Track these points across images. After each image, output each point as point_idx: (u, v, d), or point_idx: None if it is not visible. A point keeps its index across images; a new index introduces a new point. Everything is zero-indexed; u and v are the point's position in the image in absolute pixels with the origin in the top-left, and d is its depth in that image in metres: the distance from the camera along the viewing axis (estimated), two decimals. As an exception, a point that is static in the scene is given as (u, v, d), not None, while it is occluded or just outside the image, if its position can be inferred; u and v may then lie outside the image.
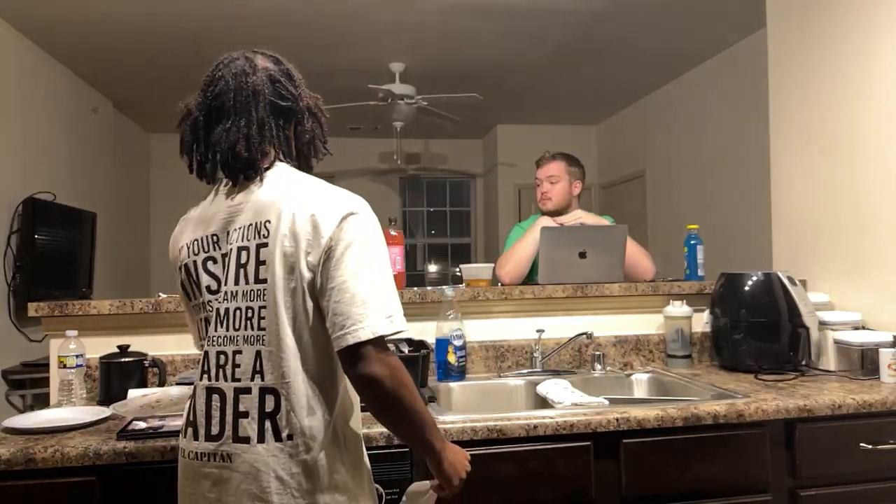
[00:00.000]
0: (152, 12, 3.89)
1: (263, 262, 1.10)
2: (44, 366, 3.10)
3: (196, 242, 1.18)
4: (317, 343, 1.11)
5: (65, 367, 1.73)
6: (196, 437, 1.12)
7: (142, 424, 1.46)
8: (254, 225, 1.13)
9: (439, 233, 8.11)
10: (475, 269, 2.25)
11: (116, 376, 1.75)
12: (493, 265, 2.32)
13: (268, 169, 1.17)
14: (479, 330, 2.15)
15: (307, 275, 1.08)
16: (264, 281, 1.10)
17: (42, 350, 3.92)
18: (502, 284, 2.37)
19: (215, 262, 1.16)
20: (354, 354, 1.05)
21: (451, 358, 1.96)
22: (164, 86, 5.24)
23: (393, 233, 2.08)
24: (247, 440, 1.08)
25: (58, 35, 4.22)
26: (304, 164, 1.25)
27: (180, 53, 4.55)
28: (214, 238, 1.17)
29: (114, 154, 5.75)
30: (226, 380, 1.11)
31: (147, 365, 1.82)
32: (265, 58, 1.21)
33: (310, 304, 1.09)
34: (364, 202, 1.15)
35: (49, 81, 4.62)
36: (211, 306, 1.15)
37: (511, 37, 4.43)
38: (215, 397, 1.11)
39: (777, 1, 2.59)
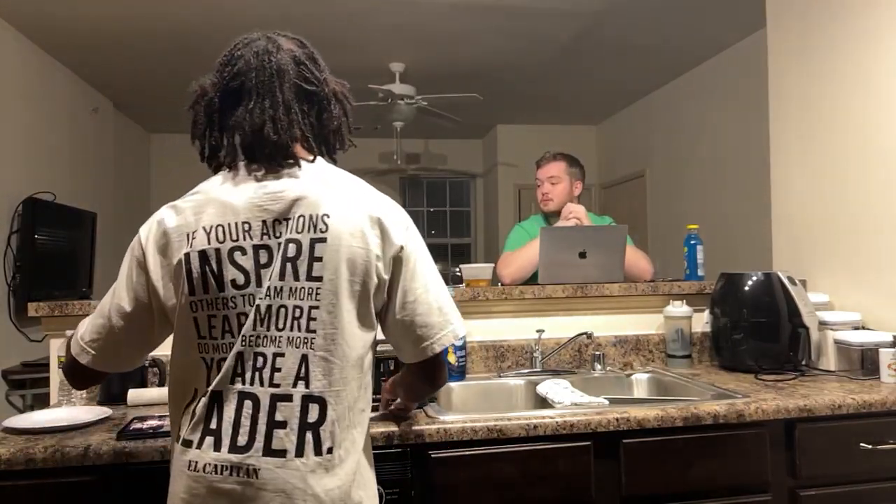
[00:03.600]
0: (153, 12, 3.88)
1: (319, 259, 1.02)
2: (44, 366, 3.10)
3: (221, 229, 1.03)
4: (366, 349, 1.07)
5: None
6: (217, 448, 0.99)
7: (142, 424, 1.46)
8: (308, 217, 1.03)
9: (439, 233, 8.11)
10: (475, 269, 2.24)
11: (116, 376, 1.75)
12: (493, 265, 2.32)
13: (309, 161, 1.10)
14: (479, 330, 2.15)
15: (375, 280, 1.05)
16: (318, 279, 1.01)
17: (42, 350, 3.91)
18: (502, 284, 2.37)
19: (244, 252, 1.02)
20: (437, 361, 1.11)
21: (451, 358, 1.96)
22: (164, 86, 5.24)
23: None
24: (282, 453, 0.98)
25: (58, 35, 4.22)
26: (328, 155, 1.17)
27: (181, 53, 4.55)
28: (246, 226, 1.03)
29: (114, 154, 5.75)
30: (262, 384, 1.00)
31: (147, 365, 1.82)
32: (288, 39, 1.13)
33: (372, 309, 1.07)
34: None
35: (49, 81, 4.62)
36: (234, 303, 1.02)
37: (511, 37, 4.43)
38: (247, 403, 1.00)
39: (777, 1, 2.59)
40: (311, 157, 1.11)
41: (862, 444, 1.63)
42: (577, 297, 2.17)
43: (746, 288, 2.06)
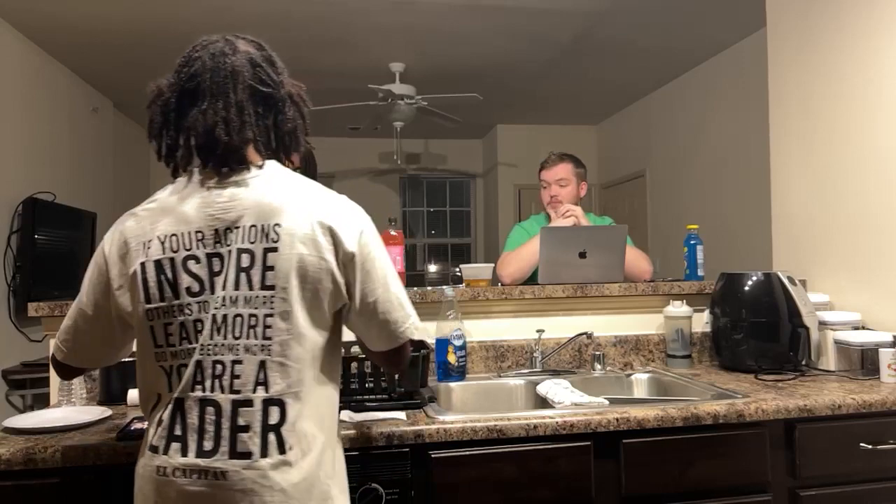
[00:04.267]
0: (153, 12, 3.89)
1: (271, 268, 1.05)
2: (44, 366, 3.11)
3: (175, 238, 1.07)
4: (325, 350, 1.11)
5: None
6: (184, 453, 1.03)
7: (142, 424, 1.46)
8: (259, 227, 1.06)
9: (439, 233, 8.11)
10: (475, 269, 2.24)
11: (116, 376, 1.75)
12: (493, 265, 2.32)
13: (259, 166, 1.12)
14: (479, 330, 2.15)
15: (330, 285, 1.08)
16: (271, 287, 1.05)
17: (42, 350, 3.93)
18: (502, 284, 2.37)
19: (198, 261, 1.06)
20: (403, 351, 1.18)
21: (451, 358, 1.96)
22: (164, 86, 5.24)
23: (393, 233, 2.08)
24: (247, 455, 1.02)
25: (58, 35, 4.22)
26: (283, 157, 1.18)
27: (180, 54, 4.55)
28: (199, 235, 1.07)
29: (114, 154, 5.75)
30: (222, 391, 1.04)
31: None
32: (246, 42, 1.15)
33: (326, 312, 1.10)
34: (362, 209, 1.18)
35: (49, 81, 4.62)
36: (190, 310, 1.06)
37: (511, 37, 4.43)
38: (209, 410, 1.04)
39: (777, 1, 2.59)
40: (263, 162, 1.13)
41: (862, 444, 1.63)
42: (577, 297, 2.17)
43: (746, 288, 2.06)
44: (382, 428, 1.45)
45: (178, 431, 1.05)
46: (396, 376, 1.63)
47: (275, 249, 1.05)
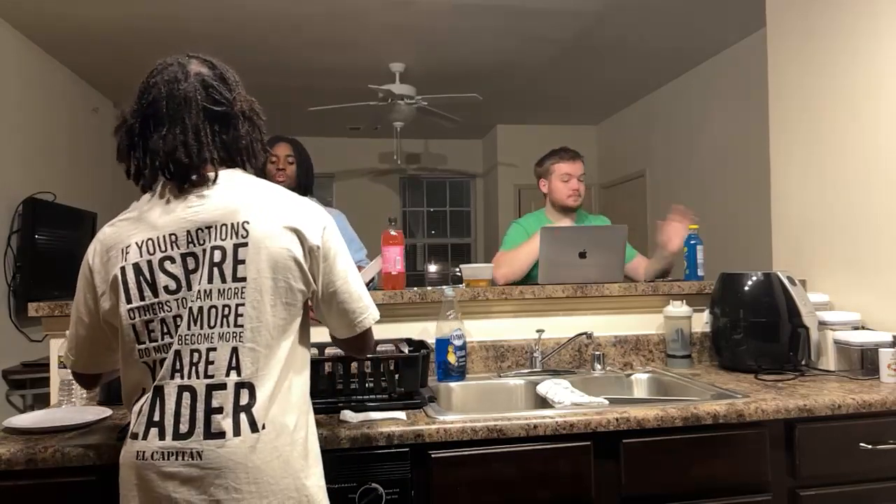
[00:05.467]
0: (153, 13, 3.89)
1: (242, 262, 1.13)
2: (44, 366, 3.10)
3: (151, 242, 1.16)
4: (295, 338, 1.20)
5: (65, 367, 1.72)
6: (162, 437, 1.09)
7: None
8: (230, 225, 1.14)
9: (439, 233, 8.11)
10: (475, 269, 2.25)
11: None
12: (492, 265, 2.32)
13: (216, 176, 1.18)
14: (479, 330, 2.15)
15: (298, 275, 1.17)
16: (243, 279, 1.13)
17: (42, 350, 3.92)
18: (495, 284, 2.37)
19: (173, 261, 1.14)
20: (364, 338, 1.30)
21: (451, 358, 1.96)
22: (164, 86, 5.23)
23: (393, 233, 2.08)
24: (221, 435, 1.09)
25: (58, 35, 4.22)
26: (245, 170, 1.25)
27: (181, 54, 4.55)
28: (173, 237, 1.15)
29: (114, 154, 5.74)
30: (198, 377, 1.11)
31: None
32: (199, 62, 1.23)
33: (295, 301, 1.18)
34: (325, 210, 1.28)
35: (49, 81, 4.62)
36: (169, 307, 1.13)
37: (511, 37, 4.43)
38: (186, 395, 1.11)
39: (777, 1, 2.59)
40: (224, 173, 1.20)
41: (862, 444, 1.64)
42: (577, 297, 2.17)
43: (746, 288, 2.06)
44: (382, 428, 1.45)
45: (156, 417, 1.11)
46: (396, 376, 1.64)
47: (245, 244, 1.14)
